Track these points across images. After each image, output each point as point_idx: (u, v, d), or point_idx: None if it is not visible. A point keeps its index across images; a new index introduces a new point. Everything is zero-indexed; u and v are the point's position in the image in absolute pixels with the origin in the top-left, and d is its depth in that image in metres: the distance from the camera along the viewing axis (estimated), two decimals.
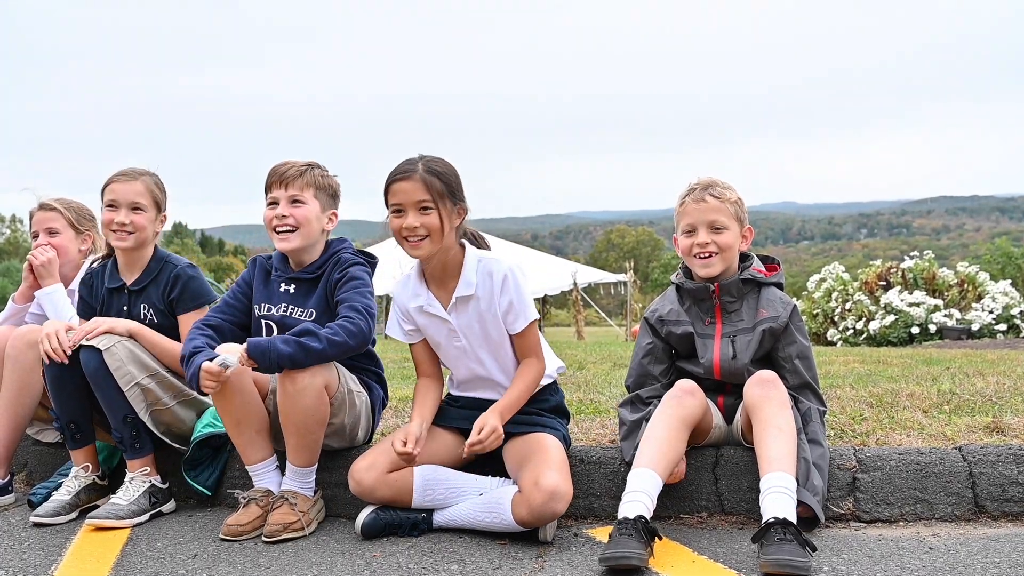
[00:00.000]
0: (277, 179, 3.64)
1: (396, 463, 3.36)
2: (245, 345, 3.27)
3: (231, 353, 3.28)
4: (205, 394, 3.48)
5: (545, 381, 3.58)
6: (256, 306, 3.72)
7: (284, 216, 3.59)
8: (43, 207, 4.38)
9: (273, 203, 3.64)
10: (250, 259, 3.90)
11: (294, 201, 3.60)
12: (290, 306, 3.65)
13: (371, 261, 3.73)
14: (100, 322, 3.71)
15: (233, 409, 3.47)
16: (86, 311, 4.03)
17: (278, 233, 3.62)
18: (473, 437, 3.25)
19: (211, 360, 3.27)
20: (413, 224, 3.34)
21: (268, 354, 3.24)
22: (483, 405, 3.42)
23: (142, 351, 3.73)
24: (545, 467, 3.20)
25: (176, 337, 3.85)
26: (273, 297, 3.70)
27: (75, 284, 4.30)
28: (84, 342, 3.62)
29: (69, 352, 3.62)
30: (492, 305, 3.45)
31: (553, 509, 3.14)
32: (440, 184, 3.36)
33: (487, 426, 3.25)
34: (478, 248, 3.56)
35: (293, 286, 3.68)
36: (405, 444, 3.27)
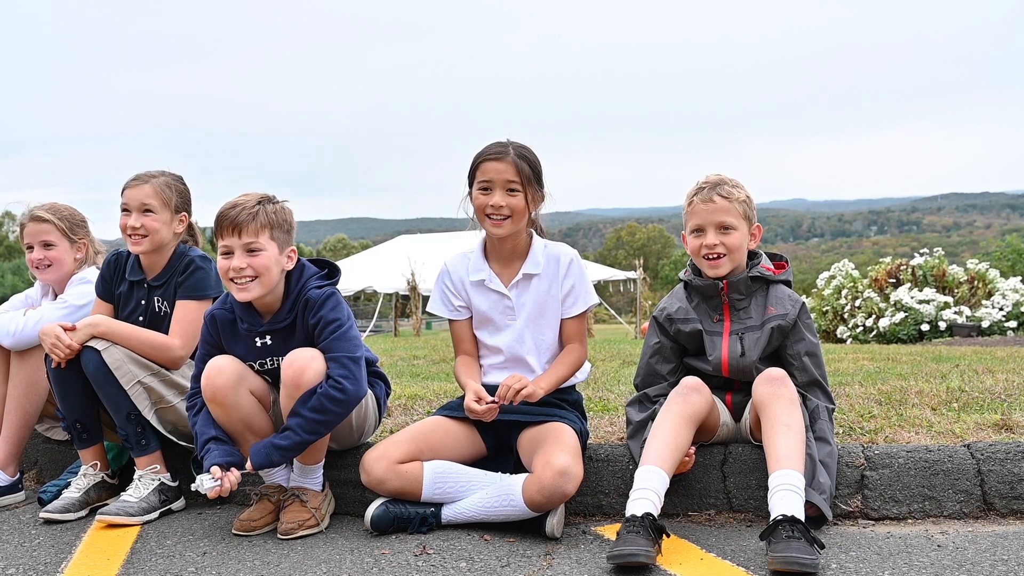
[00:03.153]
0: (229, 225, 3.38)
1: (407, 454, 3.39)
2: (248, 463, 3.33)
3: (209, 478, 3.29)
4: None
5: (574, 380, 3.68)
6: None
7: (242, 268, 3.36)
8: (35, 219, 4.23)
9: (227, 252, 3.40)
10: (206, 315, 3.63)
11: (250, 250, 3.37)
12: (272, 358, 3.53)
13: (334, 279, 3.59)
14: (73, 335, 3.65)
15: (234, 423, 3.46)
16: (105, 291, 4.03)
17: (236, 283, 3.40)
18: (502, 388, 3.36)
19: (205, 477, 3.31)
20: (500, 203, 3.50)
21: (271, 464, 3.35)
22: None
23: None
24: (558, 448, 3.25)
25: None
26: (251, 353, 3.53)
27: (67, 291, 4.24)
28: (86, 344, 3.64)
29: (70, 354, 3.64)
30: (553, 287, 3.62)
31: (563, 488, 3.17)
32: (528, 169, 3.55)
33: (521, 381, 3.36)
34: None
35: (269, 338, 3.51)
36: (479, 402, 3.37)
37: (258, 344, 3.52)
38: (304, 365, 3.31)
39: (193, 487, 3.29)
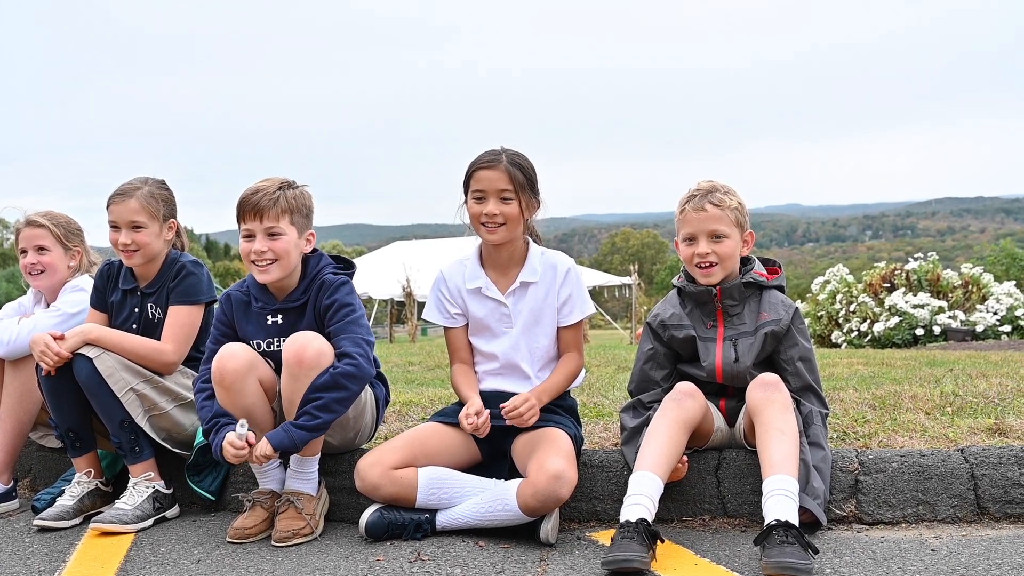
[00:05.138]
0: (251, 210, 3.49)
1: (401, 460, 3.40)
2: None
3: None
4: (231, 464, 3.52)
5: (569, 386, 3.67)
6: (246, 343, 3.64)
7: (263, 251, 3.48)
8: (31, 223, 4.24)
9: (249, 235, 3.52)
10: (222, 296, 3.74)
11: (271, 234, 3.48)
12: (280, 338, 3.57)
13: (350, 271, 3.71)
14: (63, 344, 3.65)
15: (238, 409, 3.45)
16: (98, 301, 4.03)
17: (257, 265, 3.51)
18: (509, 404, 3.37)
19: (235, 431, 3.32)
20: (493, 211, 3.51)
21: (293, 446, 3.34)
22: (497, 400, 3.47)
23: None
24: (552, 452, 3.26)
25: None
26: (261, 331, 3.61)
27: (59, 299, 4.22)
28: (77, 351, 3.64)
29: (59, 362, 3.63)
30: (550, 295, 3.62)
31: (557, 492, 3.17)
32: (522, 176, 3.54)
33: (526, 399, 3.39)
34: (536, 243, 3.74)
35: (280, 316, 3.60)
36: (478, 415, 3.39)
37: (269, 322, 3.60)
38: (306, 342, 3.35)
39: (236, 427, 3.31)
